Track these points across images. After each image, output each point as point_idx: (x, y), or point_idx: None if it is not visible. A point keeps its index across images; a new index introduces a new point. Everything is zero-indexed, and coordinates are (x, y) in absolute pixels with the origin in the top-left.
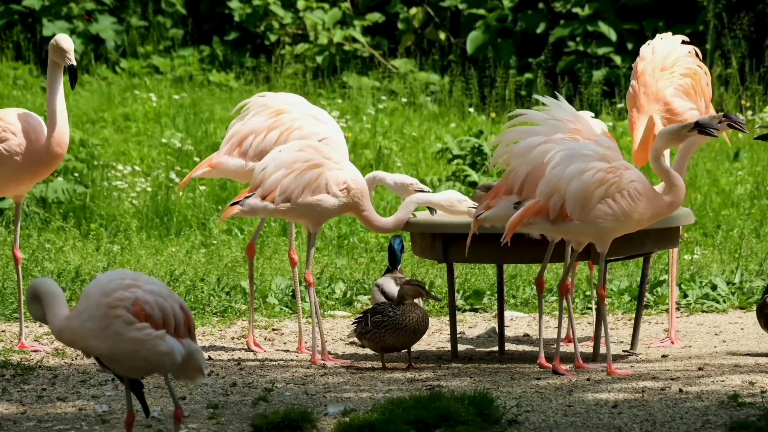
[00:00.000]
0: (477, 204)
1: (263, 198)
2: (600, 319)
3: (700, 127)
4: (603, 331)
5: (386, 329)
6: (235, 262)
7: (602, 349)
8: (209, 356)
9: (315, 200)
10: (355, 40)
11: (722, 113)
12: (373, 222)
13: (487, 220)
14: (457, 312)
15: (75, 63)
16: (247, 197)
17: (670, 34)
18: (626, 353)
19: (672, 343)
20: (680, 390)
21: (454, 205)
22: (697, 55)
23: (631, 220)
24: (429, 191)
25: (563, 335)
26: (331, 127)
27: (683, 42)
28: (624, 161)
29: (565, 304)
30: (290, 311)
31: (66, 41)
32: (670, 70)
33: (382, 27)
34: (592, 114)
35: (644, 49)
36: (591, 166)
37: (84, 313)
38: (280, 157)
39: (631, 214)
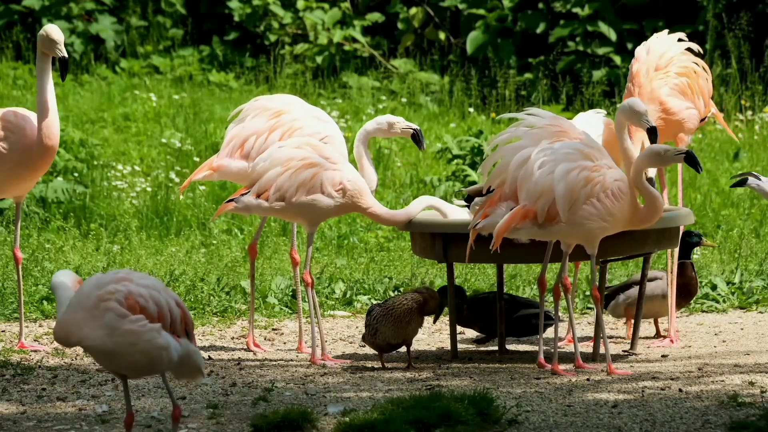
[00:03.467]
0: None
1: (258, 196)
2: (598, 319)
3: (689, 158)
4: (601, 332)
5: (378, 322)
6: (235, 262)
7: (601, 349)
8: (209, 356)
9: (309, 200)
10: (355, 40)
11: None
12: (381, 216)
13: (485, 229)
14: None
15: (66, 54)
16: (243, 195)
17: (666, 32)
18: (626, 353)
19: (672, 342)
20: (680, 390)
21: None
22: (694, 52)
23: (616, 219)
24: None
25: (563, 335)
26: (332, 127)
27: (680, 40)
28: (608, 160)
29: (564, 304)
30: (290, 311)
31: (56, 32)
32: (665, 70)
33: (382, 27)
34: (605, 112)
35: (639, 50)
36: (576, 165)
37: (76, 304)
38: (276, 153)
39: (615, 213)
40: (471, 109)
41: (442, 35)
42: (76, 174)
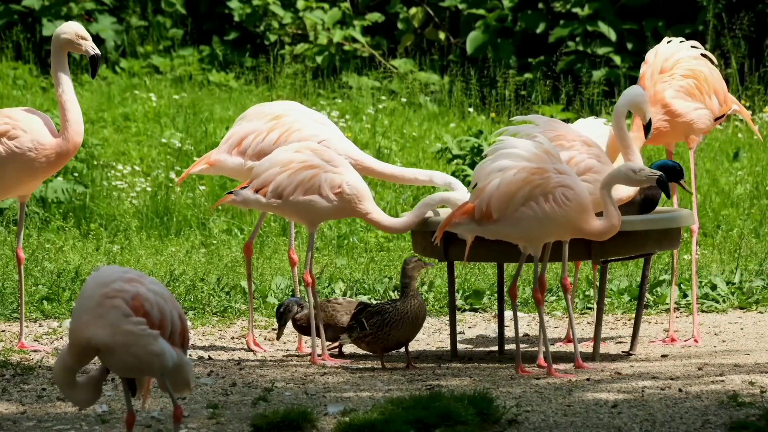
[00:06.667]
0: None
1: (257, 191)
2: (541, 321)
3: (660, 183)
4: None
5: (390, 326)
6: (235, 262)
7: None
8: (209, 356)
9: (306, 200)
10: (354, 40)
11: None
12: (381, 223)
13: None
14: (457, 312)
15: (99, 51)
16: (242, 188)
17: (678, 40)
18: (626, 353)
19: (673, 341)
20: (680, 390)
21: None
22: (705, 57)
23: (559, 225)
24: None
25: (559, 336)
26: (331, 129)
27: (693, 47)
28: (562, 166)
29: (547, 308)
30: None
31: (82, 28)
32: (670, 72)
33: (382, 27)
34: (604, 120)
35: (649, 54)
36: (515, 164)
37: (79, 308)
38: (277, 156)
39: (557, 219)
40: (471, 109)
41: (441, 35)
42: (76, 174)
